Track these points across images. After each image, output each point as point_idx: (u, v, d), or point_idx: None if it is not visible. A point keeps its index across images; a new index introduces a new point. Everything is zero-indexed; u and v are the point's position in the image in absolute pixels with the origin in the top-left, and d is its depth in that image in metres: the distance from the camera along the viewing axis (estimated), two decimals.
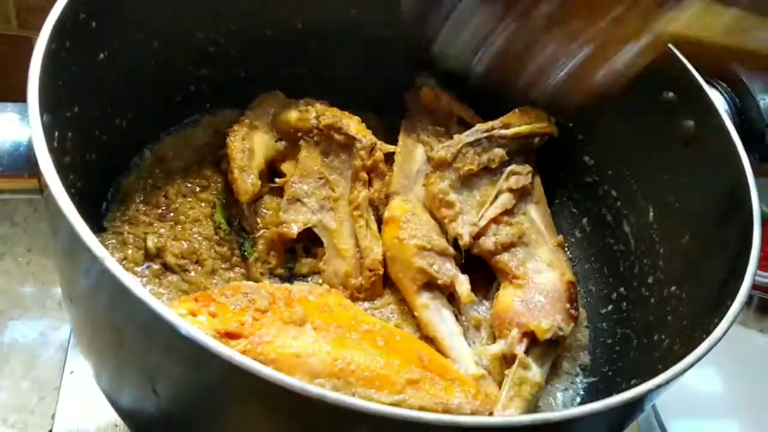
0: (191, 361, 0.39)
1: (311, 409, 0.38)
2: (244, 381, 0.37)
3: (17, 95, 0.49)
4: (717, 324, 0.46)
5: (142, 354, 0.42)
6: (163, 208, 0.66)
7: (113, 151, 0.65)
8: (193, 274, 0.63)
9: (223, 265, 0.65)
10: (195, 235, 0.65)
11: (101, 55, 0.56)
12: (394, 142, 0.75)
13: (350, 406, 0.36)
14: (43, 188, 0.44)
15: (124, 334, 0.42)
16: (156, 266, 0.63)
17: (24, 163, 0.44)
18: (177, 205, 0.67)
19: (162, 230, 0.64)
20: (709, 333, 0.46)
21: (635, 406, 0.46)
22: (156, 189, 0.67)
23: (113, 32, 0.56)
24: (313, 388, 0.36)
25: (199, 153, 0.71)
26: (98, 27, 0.54)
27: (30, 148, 0.44)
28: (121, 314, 0.40)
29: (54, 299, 0.87)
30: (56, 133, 0.48)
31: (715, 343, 0.45)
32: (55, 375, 0.80)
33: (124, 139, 0.65)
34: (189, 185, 0.68)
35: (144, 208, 0.66)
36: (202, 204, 0.68)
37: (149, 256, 0.62)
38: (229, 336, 0.54)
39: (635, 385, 0.53)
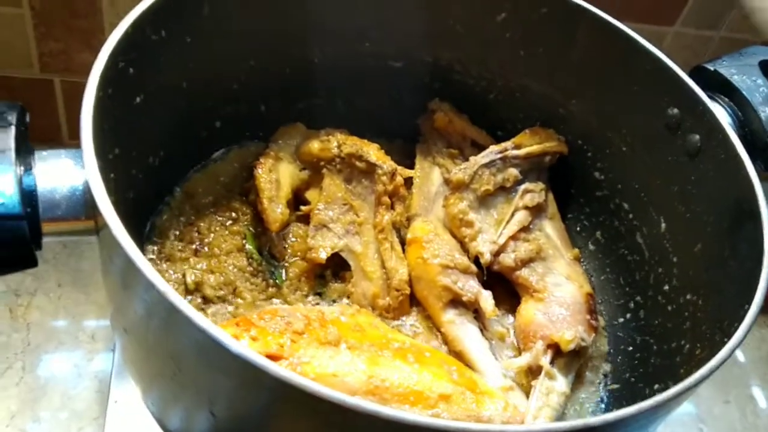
0: (250, 382, 0.41)
1: (364, 425, 0.40)
2: (302, 399, 0.39)
3: (41, 135, 0.52)
4: (737, 328, 0.49)
5: (200, 379, 0.45)
6: (197, 243, 0.69)
7: (147, 189, 0.68)
8: (234, 306, 0.66)
9: (261, 296, 0.67)
10: (230, 267, 0.68)
11: (137, 99, 0.59)
12: (405, 165, 0.78)
13: (405, 421, 0.38)
14: (100, 228, 0.47)
15: (181, 360, 0.45)
16: (197, 299, 0.65)
17: (81, 205, 0.46)
18: (210, 239, 0.70)
19: (198, 265, 0.67)
20: (729, 336, 0.48)
21: (663, 410, 0.48)
22: (189, 225, 0.70)
23: (148, 77, 0.59)
24: (368, 404, 0.39)
25: (227, 187, 0.73)
26: (135, 73, 0.57)
27: (85, 191, 0.47)
28: (181, 342, 0.43)
29: (86, 332, 0.89)
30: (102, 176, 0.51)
31: (737, 346, 0.48)
32: (93, 406, 0.83)
33: (157, 176, 0.68)
34: (220, 219, 0.71)
35: (179, 245, 0.68)
36: (234, 236, 0.70)
37: (189, 291, 0.65)
38: (270, 358, 0.57)
39: (658, 390, 0.56)
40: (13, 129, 0.45)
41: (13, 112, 0.46)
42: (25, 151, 0.47)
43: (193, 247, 0.68)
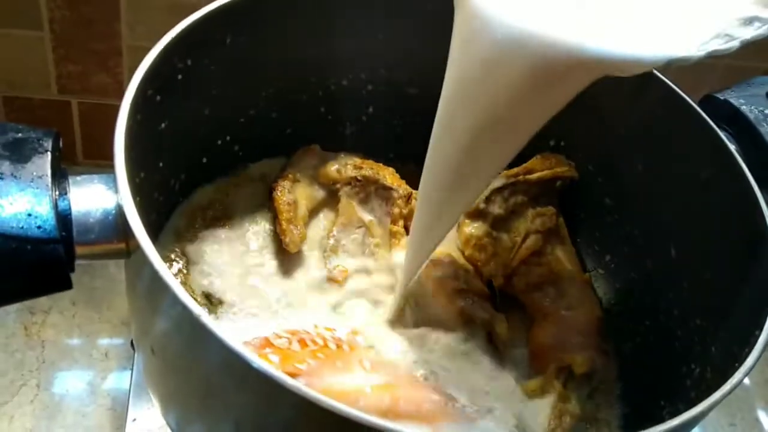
0: (273, 400, 0.43)
1: None
2: (328, 420, 0.40)
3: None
4: (748, 353, 0.50)
5: (225, 397, 0.46)
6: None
7: (167, 211, 0.69)
8: None
9: None
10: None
11: (162, 125, 0.61)
12: (414, 186, 0.79)
13: None
14: (131, 250, 0.48)
15: (206, 379, 0.46)
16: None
17: (113, 229, 0.48)
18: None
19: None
20: (741, 362, 0.49)
21: None
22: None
23: (172, 103, 0.61)
24: (391, 425, 0.40)
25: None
26: (161, 100, 0.58)
27: (117, 215, 0.48)
28: (208, 361, 0.44)
29: (99, 350, 0.90)
30: None
31: (749, 371, 0.49)
32: (105, 423, 0.84)
33: (177, 199, 0.70)
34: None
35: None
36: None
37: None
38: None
39: (668, 413, 0.57)
40: (49, 155, 0.47)
41: (48, 138, 0.48)
42: (60, 175, 0.48)
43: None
